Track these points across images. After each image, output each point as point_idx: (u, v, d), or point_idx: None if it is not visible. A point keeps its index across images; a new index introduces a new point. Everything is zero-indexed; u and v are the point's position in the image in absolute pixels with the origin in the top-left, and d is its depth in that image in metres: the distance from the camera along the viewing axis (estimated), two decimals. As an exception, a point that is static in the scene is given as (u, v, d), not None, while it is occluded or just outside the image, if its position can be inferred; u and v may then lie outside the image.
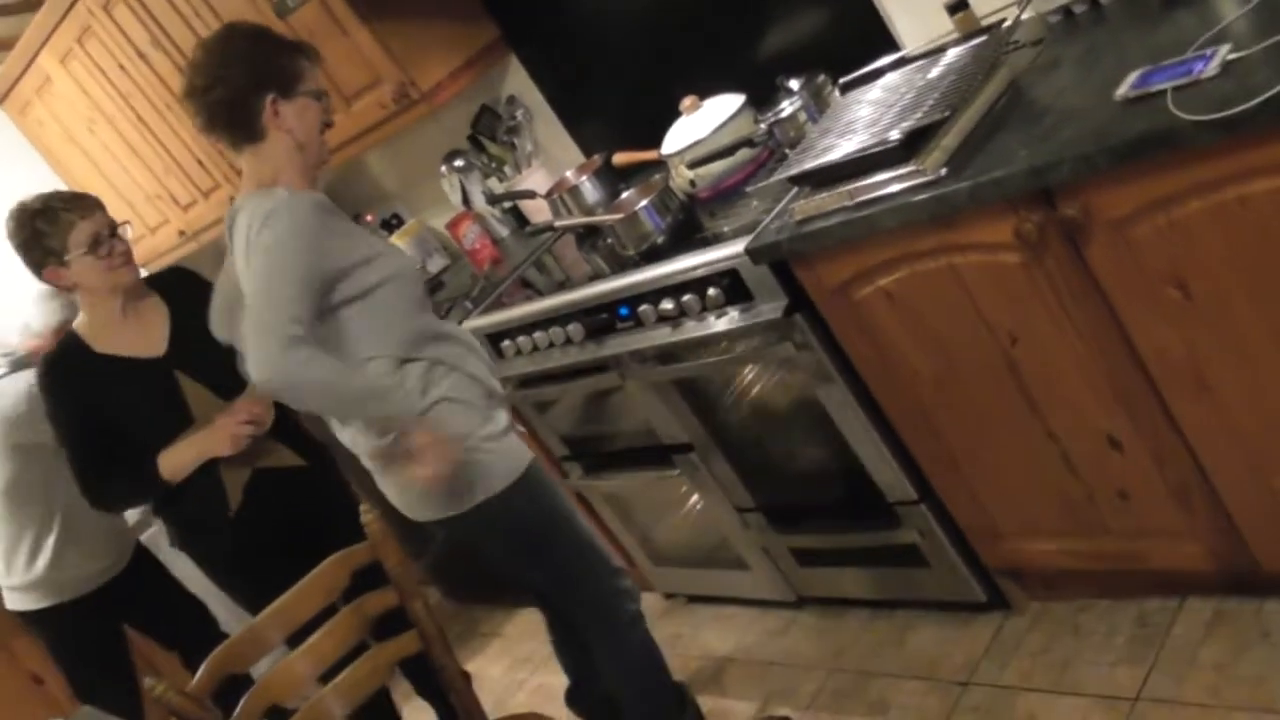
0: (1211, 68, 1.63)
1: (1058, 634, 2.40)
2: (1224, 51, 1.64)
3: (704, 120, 2.63)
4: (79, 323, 2.70)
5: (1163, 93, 1.65)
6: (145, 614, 3.29)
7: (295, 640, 2.10)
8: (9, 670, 3.91)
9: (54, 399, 2.66)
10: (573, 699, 2.82)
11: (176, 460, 2.60)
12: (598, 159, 3.06)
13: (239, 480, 2.68)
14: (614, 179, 3.02)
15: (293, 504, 2.73)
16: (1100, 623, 2.36)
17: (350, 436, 2.28)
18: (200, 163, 4.15)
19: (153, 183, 4.49)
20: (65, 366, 2.65)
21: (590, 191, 3.01)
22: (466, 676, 2.36)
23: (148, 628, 3.36)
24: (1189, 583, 2.25)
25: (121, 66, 4.04)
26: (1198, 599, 2.26)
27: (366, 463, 2.32)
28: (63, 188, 4.94)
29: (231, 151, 2.17)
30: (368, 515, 2.12)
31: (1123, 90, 1.72)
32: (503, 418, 2.28)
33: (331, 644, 2.09)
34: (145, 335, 2.69)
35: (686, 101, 2.67)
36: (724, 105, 2.63)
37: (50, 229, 2.58)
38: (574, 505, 2.48)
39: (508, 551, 2.37)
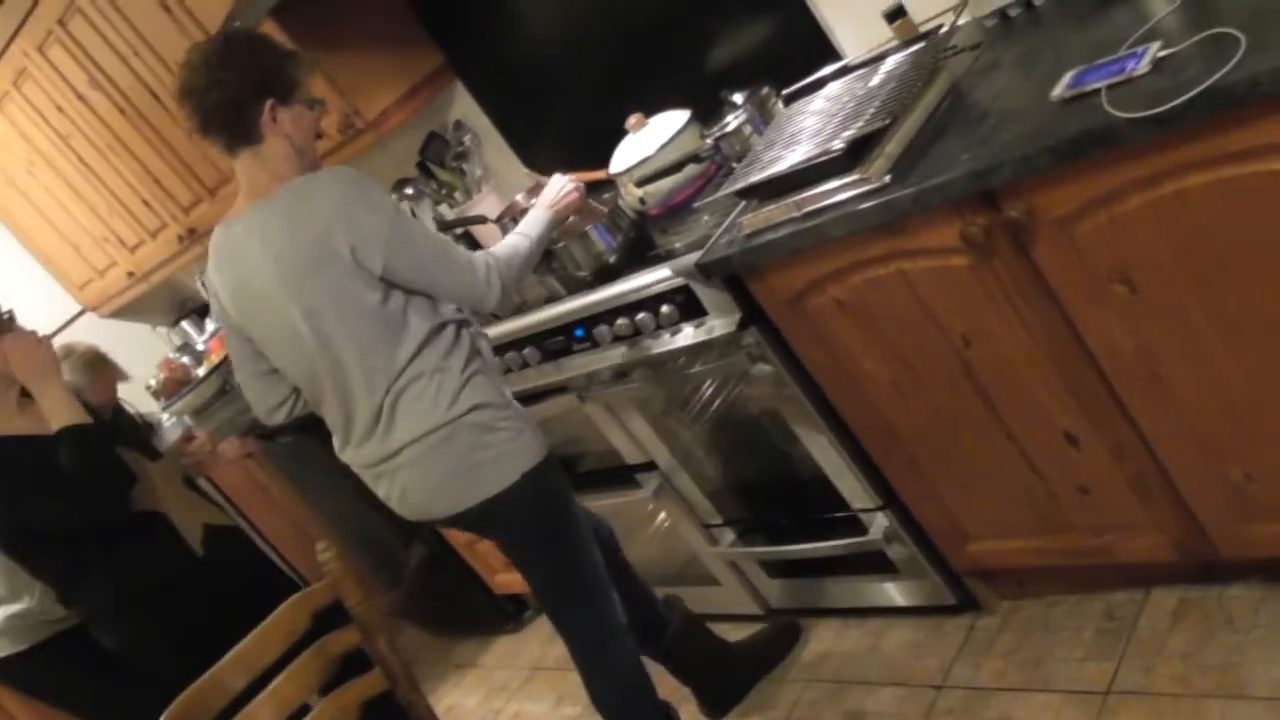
0: (1143, 65, 1.64)
1: (1028, 632, 2.41)
2: (1154, 49, 1.66)
3: (650, 137, 2.63)
4: None
5: (1097, 91, 1.66)
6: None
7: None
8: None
9: None
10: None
11: (52, 403, 2.50)
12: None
13: (195, 532, 2.65)
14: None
15: (246, 555, 2.71)
16: (1069, 618, 2.37)
17: (400, 424, 2.21)
18: (146, 203, 4.11)
19: (98, 225, 4.44)
20: None
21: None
22: (434, 715, 2.33)
23: None
24: (1153, 574, 2.26)
25: (60, 108, 4.00)
26: (1162, 589, 2.27)
27: (369, 473, 2.32)
28: (6, 233, 4.90)
29: (225, 155, 2.18)
30: (325, 553, 2.09)
31: (1059, 90, 1.74)
32: (519, 408, 2.32)
33: (294, 688, 2.05)
34: (33, 416, 2.58)
35: (632, 119, 2.67)
36: (670, 121, 2.64)
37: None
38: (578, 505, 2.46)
39: (537, 529, 2.35)
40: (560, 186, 2.46)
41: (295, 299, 2.14)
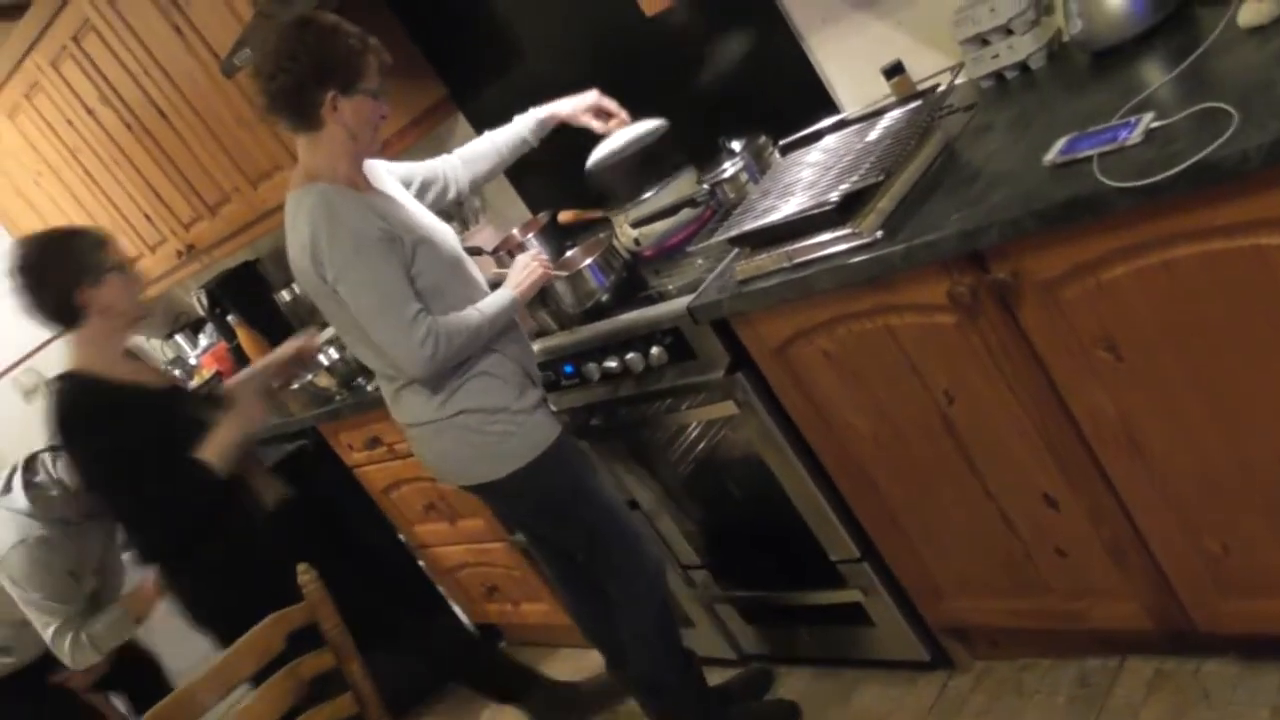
0: (1135, 135, 1.66)
1: (1000, 694, 2.40)
2: (1147, 119, 1.68)
3: (623, 139, 2.61)
4: (80, 363, 2.61)
5: (1089, 159, 1.68)
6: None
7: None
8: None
9: (83, 441, 2.58)
10: (613, 665, 2.88)
11: (217, 445, 2.60)
12: (543, 216, 3.07)
13: (269, 492, 2.80)
14: (559, 236, 3.03)
15: (310, 521, 2.88)
16: (1042, 682, 2.36)
17: (401, 408, 2.41)
18: (148, 217, 4.14)
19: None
20: (88, 405, 2.58)
21: (535, 249, 3.01)
22: None
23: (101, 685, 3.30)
24: (1129, 642, 2.25)
25: (69, 122, 4.03)
26: (1138, 659, 2.27)
27: (411, 431, 2.45)
28: (10, 239, 4.93)
29: (289, 132, 2.28)
30: (305, 576, 2.09)
31: (1051, 156, 1.75)
32: (534, 395, 2.40)
33: (266, 707, 2.04)
34: (145, 370, 2.72)
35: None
36: (642, 125, 2.62)
37: (83, 245, 2.55)
38: (601, 478, 2.56)
39: (536, 517, 2.57)
40: (524, 265, 2.46)
41: (312, 293, 2.33)
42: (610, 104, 2.55)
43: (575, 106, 2.56)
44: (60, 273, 2.52)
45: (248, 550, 2.71)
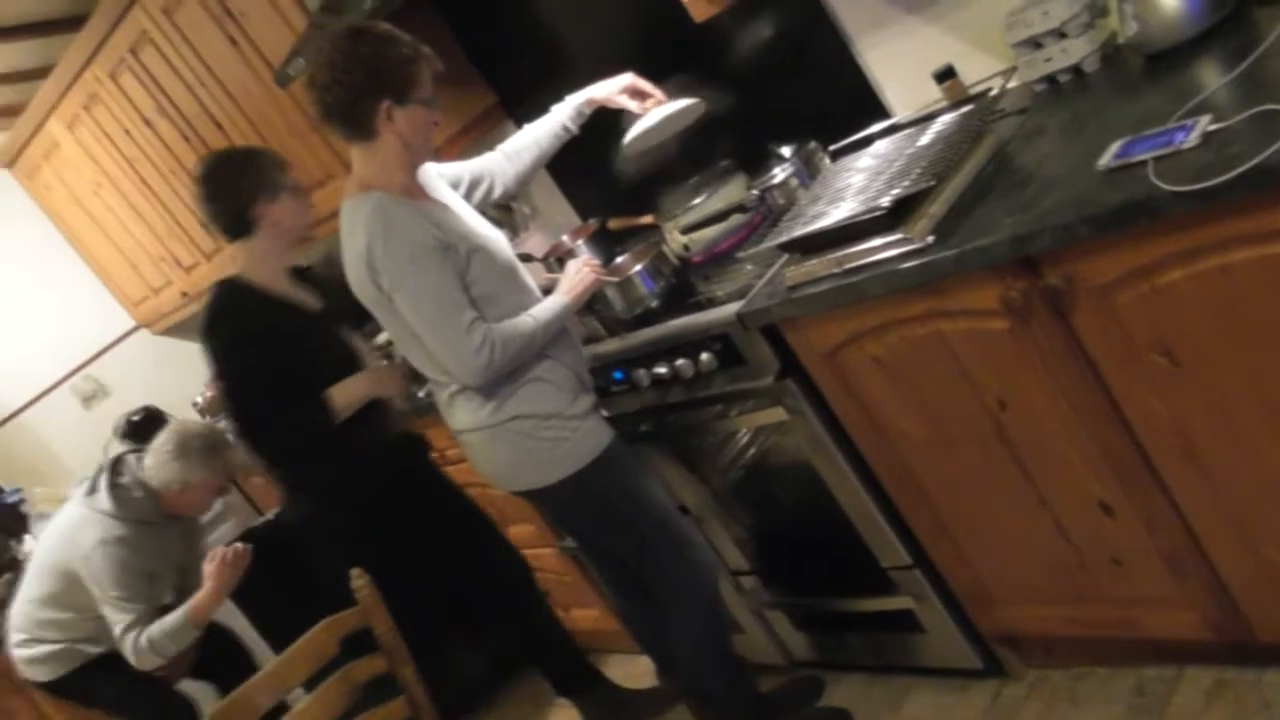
0: (1192, 138, 1.64)
1: (1055, 703, 2.37)
2: (1204, 122, 1.65)
3: (661, 119, 2.60)
4: (243, 271, 2.73)
5: (1144, 163, 1.66)
6: None
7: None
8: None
9: (226, 338, 2.68)
10: (663, 669, 2.90)
11: (348, 394, 2.70)
12: (593, 223, 3.09)
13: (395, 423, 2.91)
14: (609, 243, 3.05)
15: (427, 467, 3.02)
16: (1098, 691, 2.33)
17: (454, 414, 2.43)
18: (204, 226, 4.19)
19: (156, 245, 4.53)
20: (240, 308, 2.69)
21: (586, 255, 3.02)
22: None
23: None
24: (1187, 651, 2.22)
25: (127, 132, 4.11)
26: (1197, 668, 2.23)
27: (464, 437, 2.45)
28: (70, 249, 5.03)
29: (343, 143, 2.31)
30: (358, 580, 2.11)
31: (1105, 160, 1.73)
32: (586, 401, 2.41)
33: (319, 711, 2.07)
34: (302, 292, 2.81)
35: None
36: (677, 104, 2.61)
37: (265, 163, 2.67)
38: (653, 483, 2.56)
39: (587, 523, 2.57)
40: (575, 271, 2.46)
41: (361, 295, 2.34)
42: (646, 85, 2.52)
43: (611, 89, 2.53)
44: (241, 185, 2.65)
45: (363, 477, 2.79)
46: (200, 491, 3.18)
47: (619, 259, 2.89)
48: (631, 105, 2.52)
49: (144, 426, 4.81)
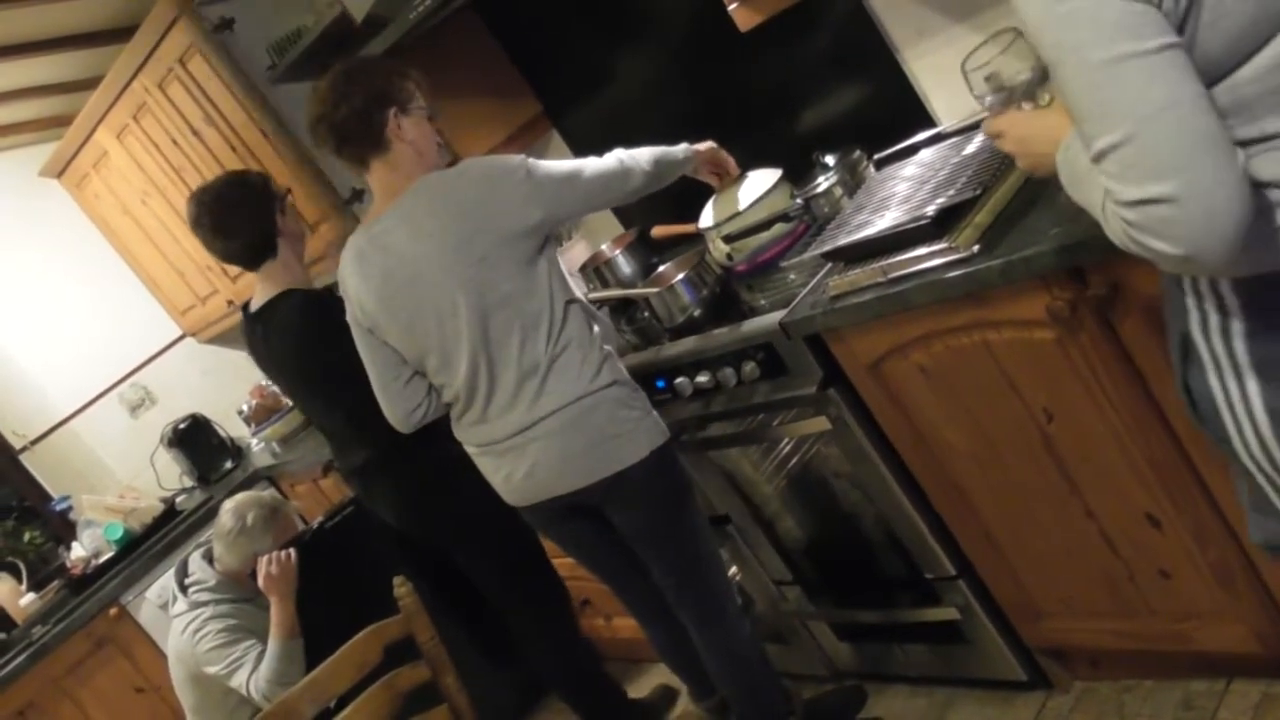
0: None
1: (1101, 715, 2.35)
2: (1255, 131, 1.64)
3: (741, 194, 2.65)
4: (293, 284, 2.78)
5: (1194, 172, 1.64)
6: None
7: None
8: (121, 676, 4.16)
9: (333, 337, 2.57)
10: (699, 696, 2.86)
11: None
12: (634, 232, 3.10)
13: None
14: (649, 252, 3.05)
15: None
16: (1145, 704, 2.31)
17: (545, 394, 2.30)
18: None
19: (202, 254, 4.53)
20: (327, 306, 2.68)
21: (626, 264, 3.04)
22: None
23: None
24: (1235, 664, 2.20)
25: (175, 141, 4.15)
26: (1244, 681, 2.20)
27: (496, 449, 2.39)
28: (118, 258, 5.10)
29: (359, 169, 2.34)
30: (401, 588, 2.13)
31: (1154, 169, 1.72)
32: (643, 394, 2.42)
33: (363, 718, 2.08)
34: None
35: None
36: (761, 179, 2.66)
37: (259, 182, 2.72)
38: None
39: (662, 507, 2.43)
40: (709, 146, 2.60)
41: (451, 272, 2.25)
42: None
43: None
44: (256, 206, 2.69)
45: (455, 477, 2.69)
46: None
47: (661, 268, 2.90)
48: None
49: (190, 434, 4.87)
